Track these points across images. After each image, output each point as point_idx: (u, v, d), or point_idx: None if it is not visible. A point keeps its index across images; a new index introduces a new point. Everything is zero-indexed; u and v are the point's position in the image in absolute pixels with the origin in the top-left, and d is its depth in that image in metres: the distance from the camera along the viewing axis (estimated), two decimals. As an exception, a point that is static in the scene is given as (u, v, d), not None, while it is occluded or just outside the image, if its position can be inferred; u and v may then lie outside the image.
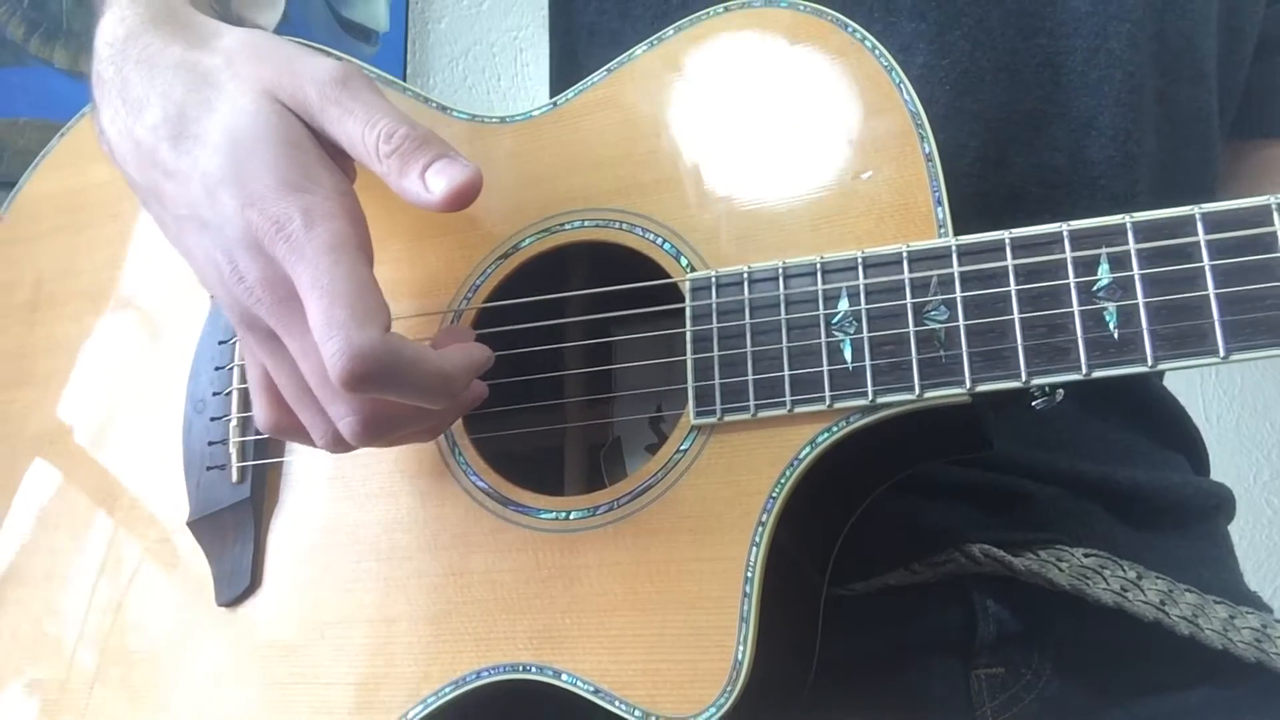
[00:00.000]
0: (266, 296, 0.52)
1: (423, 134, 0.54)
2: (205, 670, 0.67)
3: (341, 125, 0.54)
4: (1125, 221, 0.52)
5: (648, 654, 0.57)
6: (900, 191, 0.58)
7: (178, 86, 0.56)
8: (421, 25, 1.66)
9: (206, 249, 0.55)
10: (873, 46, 0.61)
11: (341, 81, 0.55)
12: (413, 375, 0.51)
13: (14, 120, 1.45)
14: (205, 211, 0.54)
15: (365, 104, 0.55)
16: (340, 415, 0.53)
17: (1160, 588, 0.66)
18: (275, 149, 0.53)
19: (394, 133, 0.53)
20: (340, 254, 0.50)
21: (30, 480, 0.77)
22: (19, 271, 0.82)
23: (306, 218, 0.51)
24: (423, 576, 0.63)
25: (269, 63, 0.56)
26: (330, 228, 0.51)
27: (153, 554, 0.72)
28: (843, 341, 0.56)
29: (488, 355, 0.59)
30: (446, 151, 0.54)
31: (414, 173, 0.53)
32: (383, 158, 0.53)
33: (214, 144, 0.54)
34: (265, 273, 0.52)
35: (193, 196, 0.54)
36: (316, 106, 0.55)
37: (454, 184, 0.52)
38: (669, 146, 0.64)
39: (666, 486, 0.59)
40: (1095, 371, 0.51)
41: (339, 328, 0.49)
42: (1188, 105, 0.76)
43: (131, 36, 0.60)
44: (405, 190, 0.53)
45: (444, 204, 0.53)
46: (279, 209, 0.51)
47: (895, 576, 0.68)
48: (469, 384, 0.58)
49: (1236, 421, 1.58)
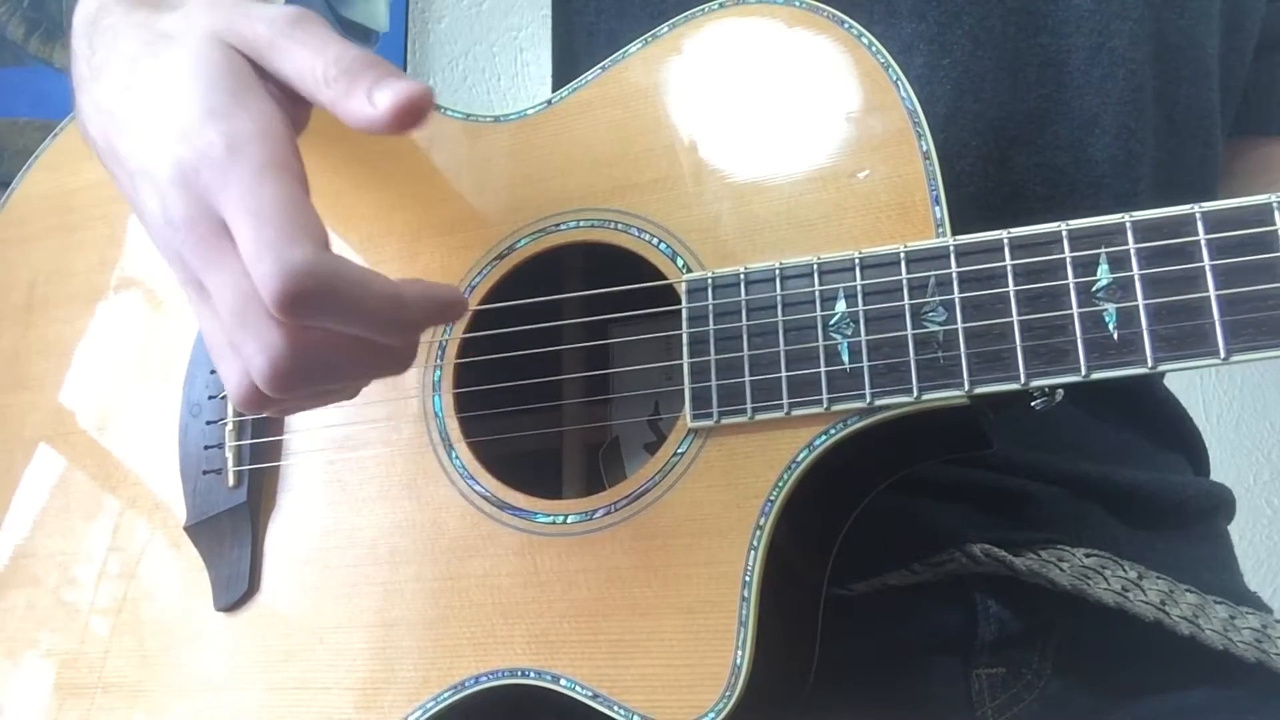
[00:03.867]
0: (189, 235, 0.49)
1: (373, 58, 0.51)
2: (205, 676, 0.67)
3: (290, 56, 0.52)
4: (1125, 221, 0.51)
5: (646, 658, 0.57)
6: (898, 190, 0.58)
7: (133, 43, 0.55)
8: (421, 25, 1.66)
9: (149, 200, 0.52)
10: (869, 43, 0.60)
11: (295, 19, 0.53)
12: (358, 294, 0.47)
13: (14, 120, 1.46)
14: (146, 158, 0.51)
15: (317, 35, 0.52)
16: (250, 355, 0.47)
17: (1161, 588, 0.66)
18: (207, 82, 0.51)
19: (343, 56, 0.51)
20: (266, 174, 0.47)
21: (27, 484, 0.77)
22: (13, 273, 0.81)
23: (230, 141, 0.48)
24: (420, 581, 0.63)
25: (222, 9, 0.54)
26: (256, 150, 0.48)
27: (150, 559, 0.71)
28: (840, 343, 0.56)
29: (458, 296, 0.52)
30: (395, 71, 0.51)
31: (360, 91, 0.49)
32: (330, 81, 0.50)
33: (154, 88, 0.52)
34: (189, 210, 0.49)
35: (135, 145, 0.52)
36: (265, 40, 0.52)
37: (399, 97, 0.48)
38: (664, 145, 0.64)
39: (664, 490, 0.59)
40: (1094, 373, 0.51)
41: (269, 247, 0.45)
42: (1190, 103, 0.76)
43: (103, 9, 0.59)
44: (351, 113, 0.50)
45: (390, 119, 0.49)
46: (203, 138, 0.48)
47: (896, 576, 0.68)
48: (426, 320, 0.51)
49: (1236, 421, 1.58)
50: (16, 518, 0.76)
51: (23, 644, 0.73)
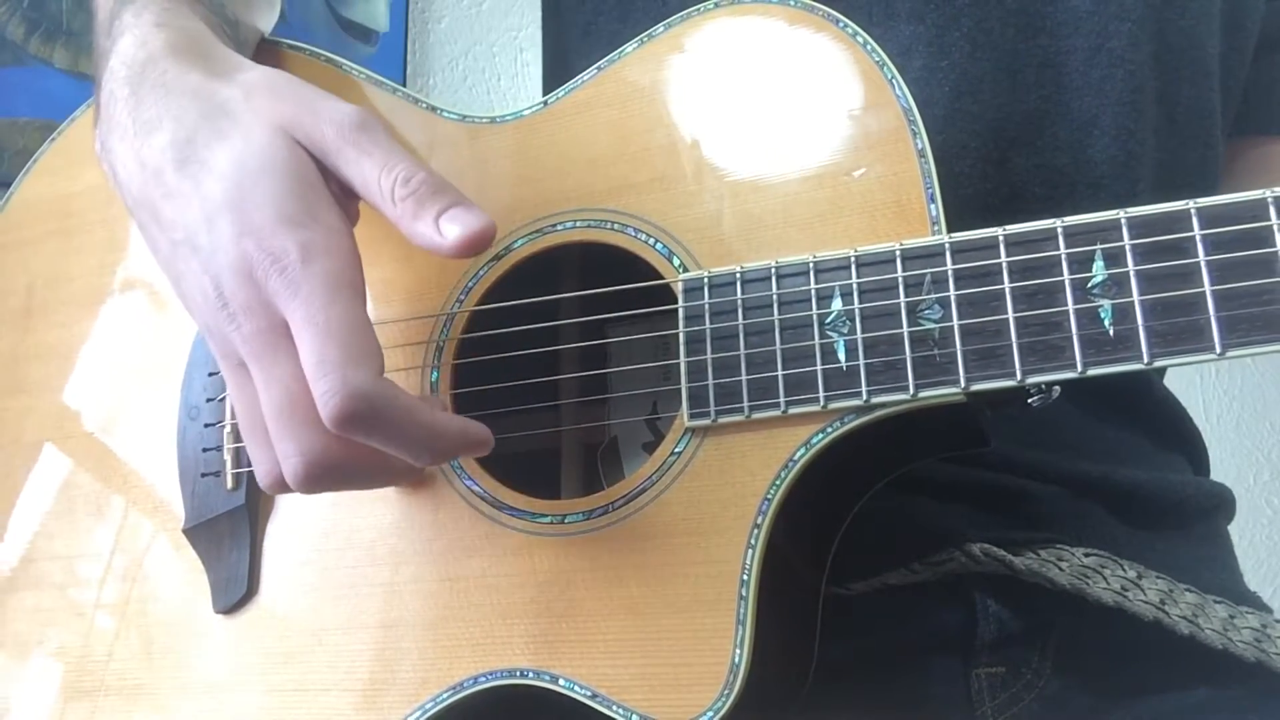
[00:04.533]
0: (246, 324, 0.52)
1: (439, 180, 0.55)
2: (205, 678, 0.67)
3: (358, 166, 0.55)
4: (1120, 217, 0.51)
5: (644, 658, 0.57)
6: (893, 188, 0.58)
7: (191, 112, 0.57)
8: (421, 25, 1.67)
9: (195, 274, 0.54)
10: (864, 42, 0.60)
11: (360, 124, 0.55)
12: (403, 422, 0.51)
13: (14, 120, 1.46)
14: (201, 237, 0.54)
15: (383, 147, 0.55)
16: (287, 454, 0.52)
17: (1160, 587, 0.66)
18: (281, 182, 0.53)
19: (411, 177, 0.54)
20: (336, 293, 0.50)
21: (25, 486, 0.77)
22: (12, 277, 0.81)
23: (304, 253, 0.51)
24: (419, 582, 0.63)
25: (288, 100, 0.57)
26: (328, 265, 0.51)
27: (149, 562, 0.71)
28: (836, 342, 0.56)
29: (487, 435, 0.57)
30: (461, 199, 0.54)
31: (429, 216, 0.53)
32: (398, 200, 0.54)
33: (219, 171, 0.54)
34: (248, 301, 0.52)
35: (190, 220, 0.54)
36: (333, 146, 0.55)
37: (468, 230, 0.53)
38: (660, 145, 0.64)
39: (662, 489, 0.59)
40: (1091, 369, 0.51)
41: (334, 366, 0.49)
42: (1189, 104, 0.76)
43: (152, 60, 0.60)
44: (417, 233, 0.53)
45: (456, 249, 0.53)
46: (277, 242, 0.51)
47: (895, 576, 0.68)
48: (454, 452, 0.58)
49: (1236, 421, 1.58)
50: (16, 520, 0.76)
51: (27, 645, 0.73)
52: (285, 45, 0.77)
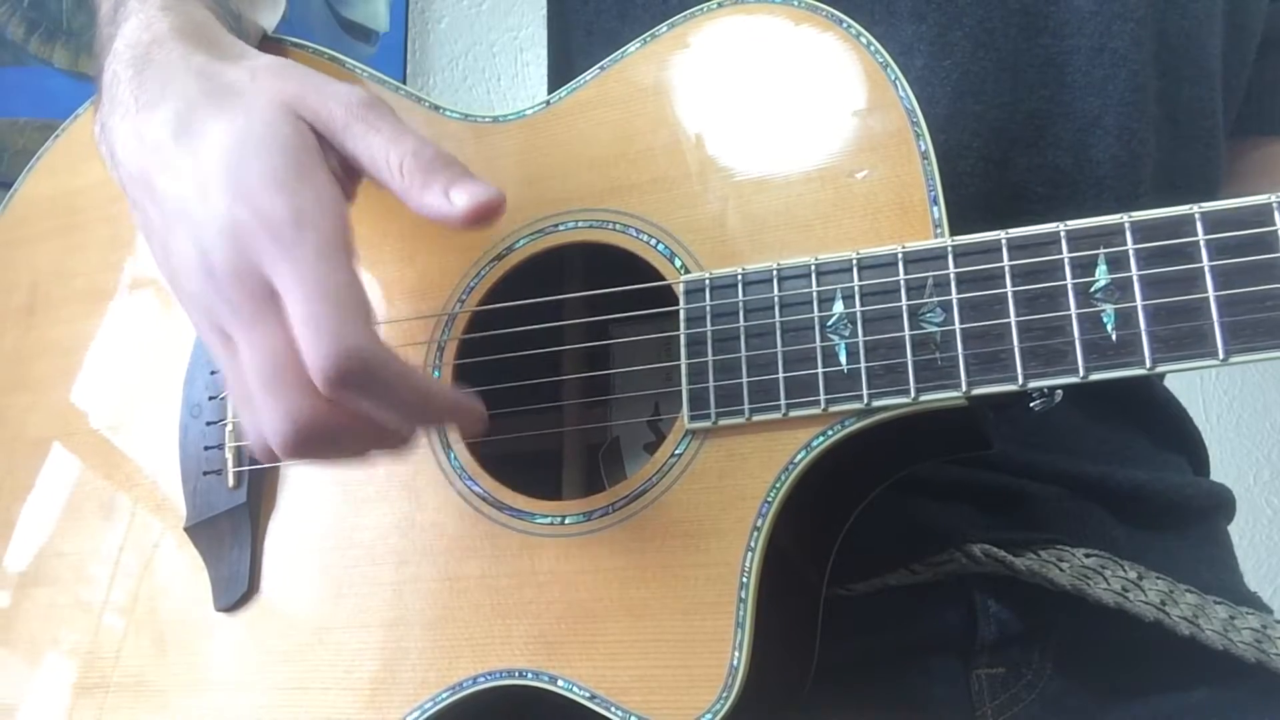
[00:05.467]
0: (232, 291, 0.51)
1: (446, 155, 0.54)
2: (207, 676, 0.67)
3: (365, 141, 0.54)
4: (1123, 221, 0.51)
5: (643, 659, 0.57)
6: (896, 190, 0.57)
7: (194, 89, 0.56)
8: (421, 25, 1.66)
9: (182, 244, 0.53)
10: (868, 43, 0.60)
11: (368, 102, 0.55)
12: (396, 384, 0.50)
13: (14, 120, 1.46)
14: (194, 206, 0.53)
15: (391, 123, 0.55)
16: (274, 418, 0.50)
17: (1161, 588, 0.66)
18: (280, 154, 0.53)
19: (421, 150, 0.54)
20: (328, 255, 0.50)
21: (28, 483, 0.77)
22: (15, 274, 0.81)
23: (297, 216, 0.50)
24: (419, 582, 0.63)
25: (294, 80, 0.56)
26: (321, 228, 0.50)
27: (151, 559, 0.71)
28: (838, 344, 0.56)
29: (480, 410, 0.55)
30: (468, 171, 0.54)
31: (438, 186, 0.53)
32: (406, 173, 0.53)
33: (218, 142, 0.53)
34: (236, 267, 0.51)
35: (184, 190, 0.54)
36: (341, 122, 0.55)
37: (477, 199, 0.52)
38: (662, 145, 0.64)
39: (662, 491, 0.59)
40: (1093, 374, 0.51)
41: (326, 324, 0.48)
42: (1191, 104, 0.76)
43: (157, 42, 0.60)
44: (426, 205, 0.53)
45: (466, 217, 0.52)
46: (270, 207, 0.50)
47: (896, 577, 0.68)
48: (443, 419, 0.58)
49: (1236, 421, 1.58)
50: (22, 517, 0.77)
51: (37, 642, 0.73)
52: (288, 43, 0.77)
